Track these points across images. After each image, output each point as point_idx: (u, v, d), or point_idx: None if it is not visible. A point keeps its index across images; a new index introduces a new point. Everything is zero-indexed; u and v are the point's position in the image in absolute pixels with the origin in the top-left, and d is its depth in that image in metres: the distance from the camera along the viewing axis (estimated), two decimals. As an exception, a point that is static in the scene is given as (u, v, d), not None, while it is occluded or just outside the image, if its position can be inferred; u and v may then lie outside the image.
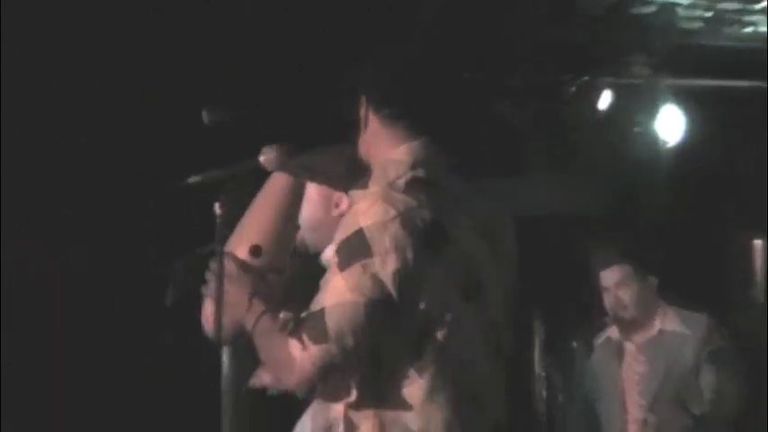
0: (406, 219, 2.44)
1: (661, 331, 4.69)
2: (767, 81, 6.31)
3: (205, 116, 2.91)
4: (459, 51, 5.57)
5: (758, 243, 6.99)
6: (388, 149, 2.59)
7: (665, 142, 6.57)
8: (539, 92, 6.49)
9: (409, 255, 2.42)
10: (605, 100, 6.47)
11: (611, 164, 7.22)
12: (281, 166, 2.69)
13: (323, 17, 5.37)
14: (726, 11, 5.88)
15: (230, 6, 5.23)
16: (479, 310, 2.54)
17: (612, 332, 4.82)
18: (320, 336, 2.43)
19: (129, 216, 5.16)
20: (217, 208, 2.61)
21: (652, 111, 6.50)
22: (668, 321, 4.69)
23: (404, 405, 2.46)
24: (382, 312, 2.43)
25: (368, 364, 2.48)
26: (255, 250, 2.69)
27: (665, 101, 6.49)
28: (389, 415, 2.47)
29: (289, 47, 5.41)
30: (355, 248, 2.44)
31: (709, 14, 5.94)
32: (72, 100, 5.25)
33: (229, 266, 2.64)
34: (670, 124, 6.52)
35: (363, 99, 2.64)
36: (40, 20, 5.00)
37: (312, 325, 2.45)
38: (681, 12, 5.90)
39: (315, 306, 2.48)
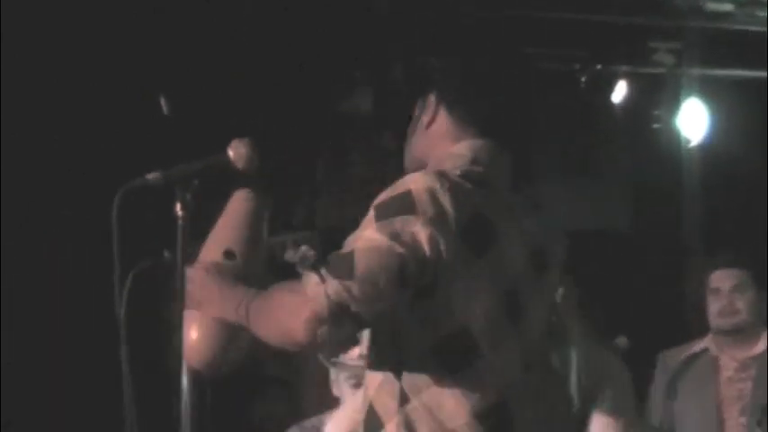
0: (457, 194, 2.50)
1: None
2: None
3: (164, 105, 2.89)
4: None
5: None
6: (449, 146, 2.69)
7: (688, 140, 6.56)
8: (544, 82, 6.46)
9: (452, 231, 2.48)
10: (620, 91, 6.45)
11: (624, 165, 7.23)
12: (252, 164, 2.68)
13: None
14: (758, -9, 5.90)
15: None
16: (518, 324, 2.61)
17: (709, 343, 4.92)
18: (344, 272, 2.47)
19: (80, 217, 5.21)
20: (178, 209, 2.59)
21: (674, 104, 6.49)
22: None
23: (433, 403, 2.53)
24: (413, 272, 2.46)
25: (393, 352, 2.56)
26: (229, 253, 2.74)
27: (688, 93, 6.48)
28: (416, 413, 2.54)
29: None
30: (398, 205, 2.50)
31: (740, -5, 5.96)
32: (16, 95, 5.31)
33: (205, 269, 2.73)
34: (694, 120, 6.51)
35: (434, 96, 2.72)
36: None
37: (337, 262, 2.49)
38: (709, -9, 5.91)
39: (343, 250, 2.51)
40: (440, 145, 2.70)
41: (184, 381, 3.02)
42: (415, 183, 2.52)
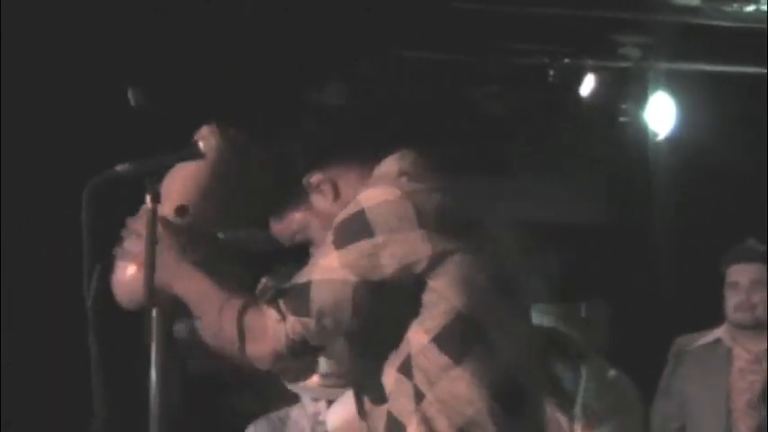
0: (413, 198, 2.55)
1: None
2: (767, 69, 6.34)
3: (131, 97, 2.88)
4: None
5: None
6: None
7: (655, 134, 6.59)
8: (513, 76, 6.49)
9: (418, 235, 2.51)
10: (588, 85, 6.48)
11: (592, 158, 7.25)
12: (223, 153, 2.68)
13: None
14: (726, -14, 5.93)
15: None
16: (517, 305, 2.67)
17: (723, 334, 4.93)
18: (301, 308, 2.54)
19: (49, 210, 5.19)
20: (148, 201, 2.59)
21: (641, 98, 6.52)
22: None
23: (447, 395, 2.56)
24: (374, 296, 2.53)
25: (396, 355, 2.58)
26: (181, 210, 2.71)
27: (655, 87, 6.52)
28: (432, 408, 2.56)
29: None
30: (355, 229, 2.53)
31: (708, -10, 5.98)
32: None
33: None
34: (661, 114, 6.54)
35: (319, 175, 2.72)
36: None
37: (294, 296, 2.56)
38: (676, -14, 5.93)
39: (300, 278, 2.57)
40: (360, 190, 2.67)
41: (153, 373, 3.02)
42: (367, 200, 2.55)
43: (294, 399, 3.75)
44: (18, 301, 5.40)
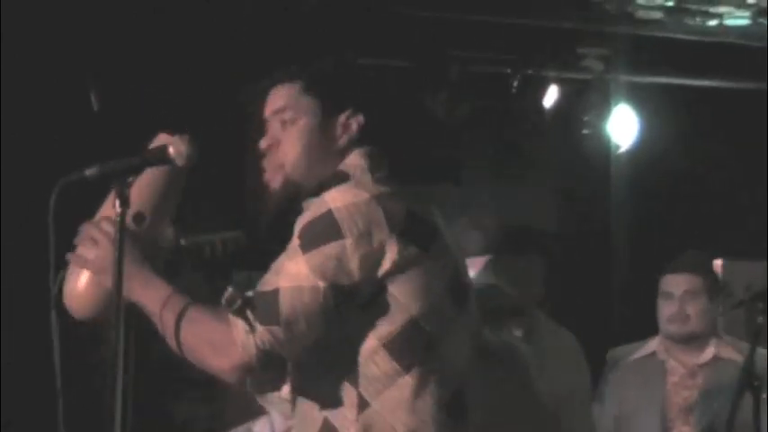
0: (381, 201, 2.53)
1: (716, 358, 4.76)
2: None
3: (94, 100, 2.87)
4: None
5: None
6: (334, 162, 2.68)
7: (618, 146, 6.64)
8: (476, 86, 6.51)
9: (387, 239, 2.50)
10: (551, 96, 6.52)
11: (554, 169, 7.30)
12: (191, 161, 2.67)
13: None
14: (688, 0, 5.97)
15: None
16: (466, 314, 2.65)
17: (657, 347, 4.89)
18: (270, 317, 2.49)
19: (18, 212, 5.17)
20: (117, 205, 2.56)
21: (604, 110, 6.57)
22: (723, 349, 4.76)
23: (393, 403, 2.53)
24: (344, 301, 2.50)
25: (343, 361, 2.55)
26: (139, 217, 2.66)
27: (618, 99, 6.57)
28: (376, 417, 2.53)
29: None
30: (323, 231, 2.49)
31: (670, 4, 6.02)
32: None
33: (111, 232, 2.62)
34: (623, 126, 6.59)
35: (349, 113, 2.71)
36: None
37: (263, 305, 2.51)
38: (639, -1, 5.99)
39: (266, 286, 2.53)
40: (326, 163, 2.68)
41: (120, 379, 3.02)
42: (334, 201, 2.52)
43: (248, 408, 3.72)
44: (18, 300, 5.36)
